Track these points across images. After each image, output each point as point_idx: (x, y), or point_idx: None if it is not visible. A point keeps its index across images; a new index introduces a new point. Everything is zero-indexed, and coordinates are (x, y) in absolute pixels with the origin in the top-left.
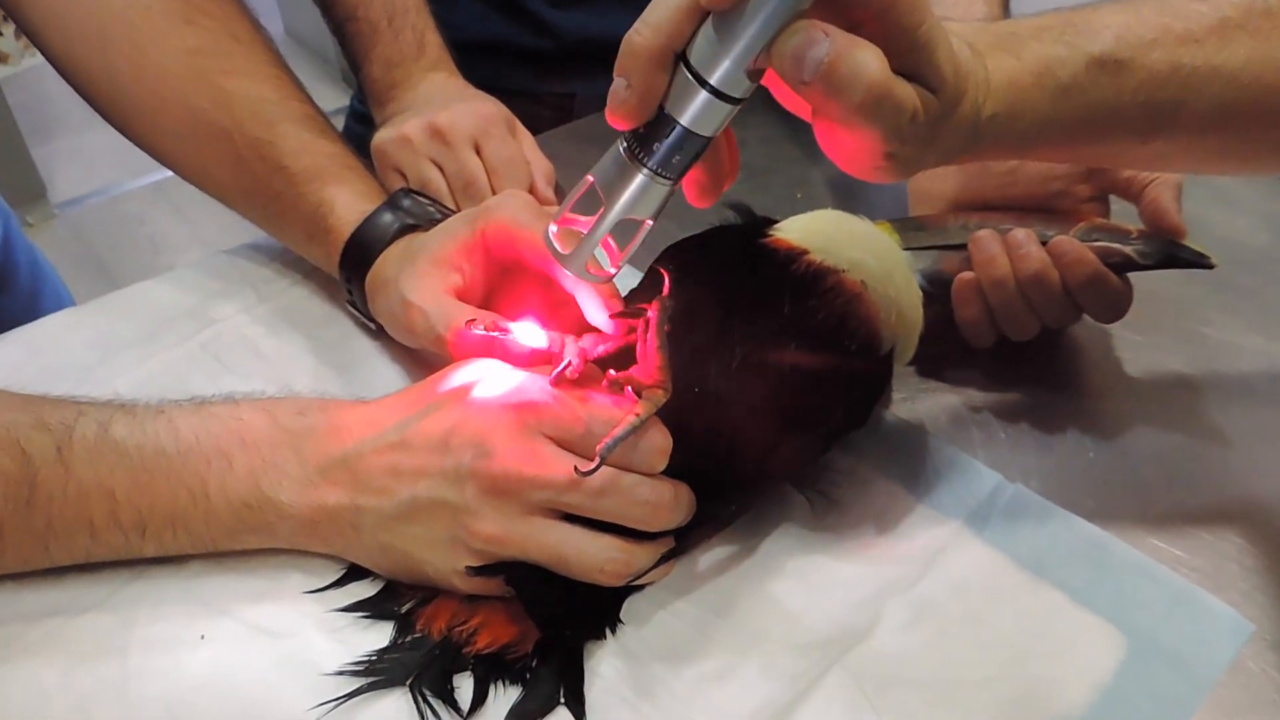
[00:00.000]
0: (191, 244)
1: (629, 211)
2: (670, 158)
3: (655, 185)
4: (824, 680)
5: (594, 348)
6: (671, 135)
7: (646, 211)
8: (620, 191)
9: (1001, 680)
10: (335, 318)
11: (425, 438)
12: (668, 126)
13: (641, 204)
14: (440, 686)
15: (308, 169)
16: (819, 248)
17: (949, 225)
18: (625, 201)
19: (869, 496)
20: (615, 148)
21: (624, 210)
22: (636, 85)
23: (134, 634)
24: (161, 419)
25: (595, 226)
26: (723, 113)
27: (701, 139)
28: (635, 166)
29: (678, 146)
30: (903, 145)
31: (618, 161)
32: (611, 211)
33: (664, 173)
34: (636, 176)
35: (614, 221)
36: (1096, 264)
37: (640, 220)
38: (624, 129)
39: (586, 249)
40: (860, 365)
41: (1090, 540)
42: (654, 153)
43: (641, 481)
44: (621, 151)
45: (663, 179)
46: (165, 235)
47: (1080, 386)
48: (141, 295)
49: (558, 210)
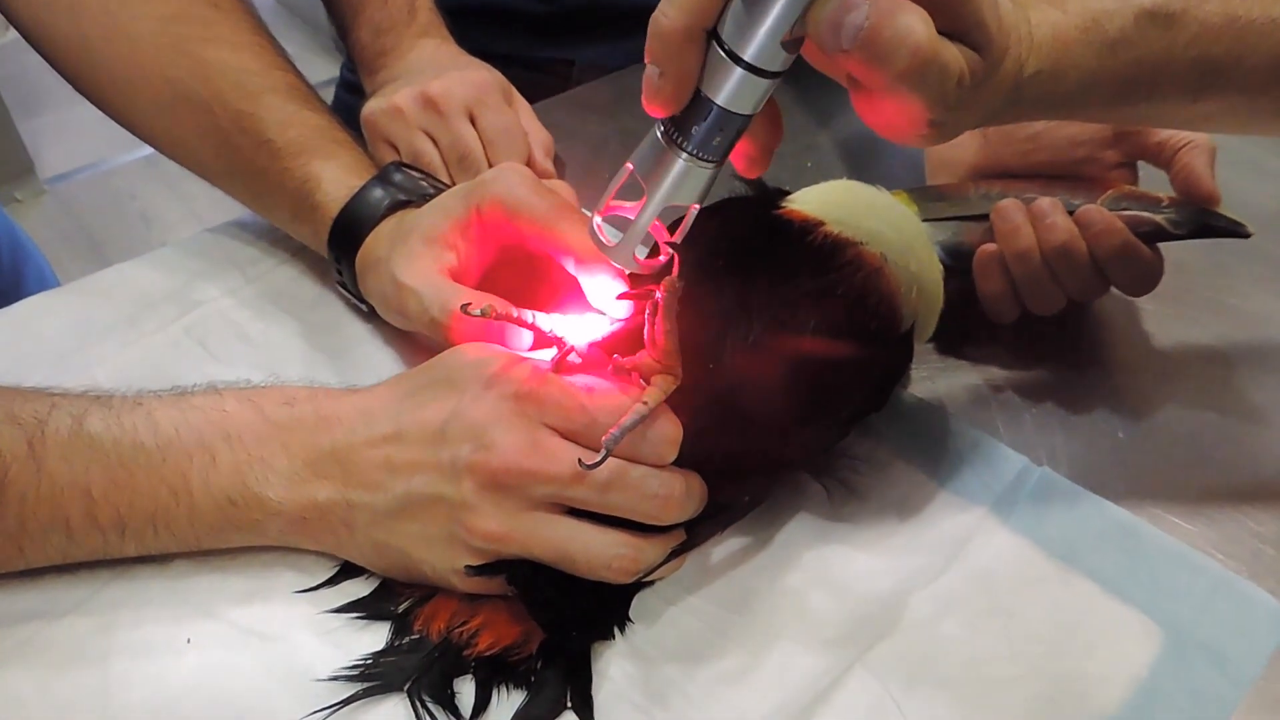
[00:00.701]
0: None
1: (671, 199)
2: (710, 140)
3: (697, 169)
4: (846, 680)
5: (598, 331)
6: (709, 117)
7: (690, 197)
8: (661, 179)
9: (1033, 677)
10: (325, 299)
11: (420, 429)
12: (705, 108)
13: (684, 190)
14: (440, 691)
15: (293, 142)
16: (836, 219)
17: (970, 194)
18: (667, 189)
19: (889, 482)
20: (653, 133)
21: (666, 198)
22: (670, 70)
23: (115, 638)
24: (139, 411)
25: (639, 217)
26: (760, 89)
27: (741, 118)
28: (674, 151)
29: (717, 128)
30: (947, 111)
31: (656, 147)
32: (654, 200)
33: (705, 156)
34: (677, 162)
35: (657, 210)
36: (1126, 234)
37: (685, 206)
38: (662, 117)
39: (632, 240)
40: (880, 344)
41: (1122, 526)
42: (693, 136)
43: (651, 473)
44: (659, 137)
45: (704, 162)
46: (157, 210)
47: (1106, 362)
48: (121, 277)
49: (600, 200)
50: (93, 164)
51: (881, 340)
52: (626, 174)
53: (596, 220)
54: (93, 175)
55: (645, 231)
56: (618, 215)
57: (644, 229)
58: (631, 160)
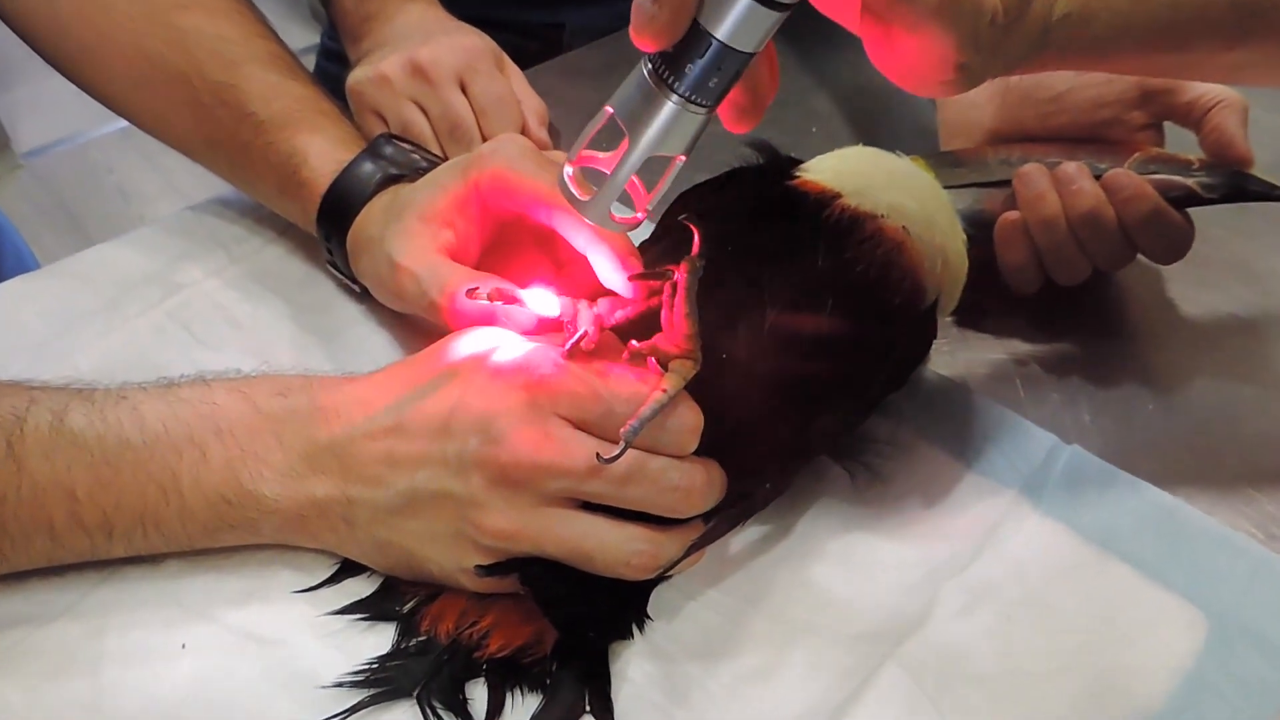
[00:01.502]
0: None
1: (657, 147)
2: (706, 80)
3: (687, 114)
4: (877, 677)
5: (611, 314)
6: (707, 53)
7: (678, 146)
8: (646, 123)
9: (1072, 671)
10: (316, 279)
11: (423, 421)
12: (702, 43)
13: (672, 137)
14: (451, 696)
15: (276, 115)
16: (854, 190)
17: (988, 160)
18: (653, 135)
19: (913, 465)
20: (638, 72)
21: (652, 145)
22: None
23: (107, 644)
24: (124, 405)
25: (619, 166)
26: (768, 22)
27: (742, 56)
28: (664, 93)
29: (714, 66)
30: (977, 53)
31: (642, 88)
32: (637, 147)
33: (698, 99)
34: (665, 105)
35: (641, 159)
36: (1157, 199)
37: (670, 156)
38: (653, 50)
39: (610, 193)
40: (904, 321)
41: (1159, 507)
42: (685, 75)
43: (671, 465)
44: (646, 76)
45: (697, 106)
46: (135, 184)
47: (1132, 333)
48: (100, 258)
49: (573, 148)
50: (68, 137)
51: (905, 318)
52: (605, 118)
53: (567, 170)
54: (69, 149)
55: (624, 185)
56: (592, 166)
57: (623, 182)
58: (611, 102)
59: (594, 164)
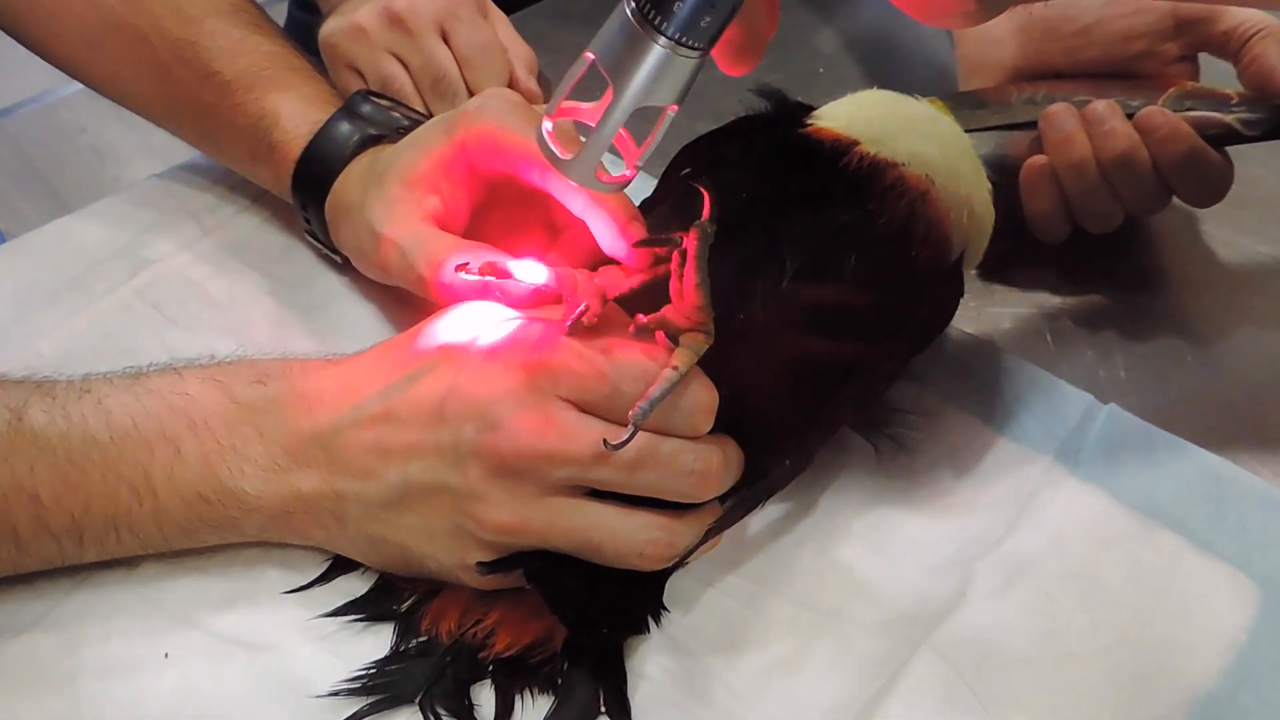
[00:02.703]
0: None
1: (646, 96)
2: (697, 20)
3: (678, 58)
4: (912, 665)
5: (615, 285)
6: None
7: (669, 95)
8: (633, 70)
9: (1119, 649)
10: (295, 250)
11: (415, 407)
12: None
13: (662, 85)
14: (456, 701)
15: (243, 73)
16: (872, 137)
17: (1012, 100)
18: (640, 83)
19: (940, 432)
20: (620, 11)
21: (639, 95)
22: None
23: (83, 656)
24: (88, 399)
25: (604, 119)
26: None
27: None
28: (650, 35)
29: (707, 3)
30: None
31: (626, 30)
32: (623, 98)
33: (689, 40)
34: (653, 48)
35: (628, 111)
36: (1195, 138)
37: (661, 106)
38: None
39: (594, 150)
40: (929, 277)
41: (1205, 470)
42: (674, 14)
43: (685, 447)
44: (630, 16)
45: (688, 49)
46: (109, 144)
47: (1168, 283)
48: (61, 234)
49: (551, 100)
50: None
51: (930, 274)
52: (586, 65)
53: (547, 126)
54: (38, 108)
55: (610, 140)
56: (575, 120)
57: (609, 136)
58: (593, 48)
59: (578, 116)
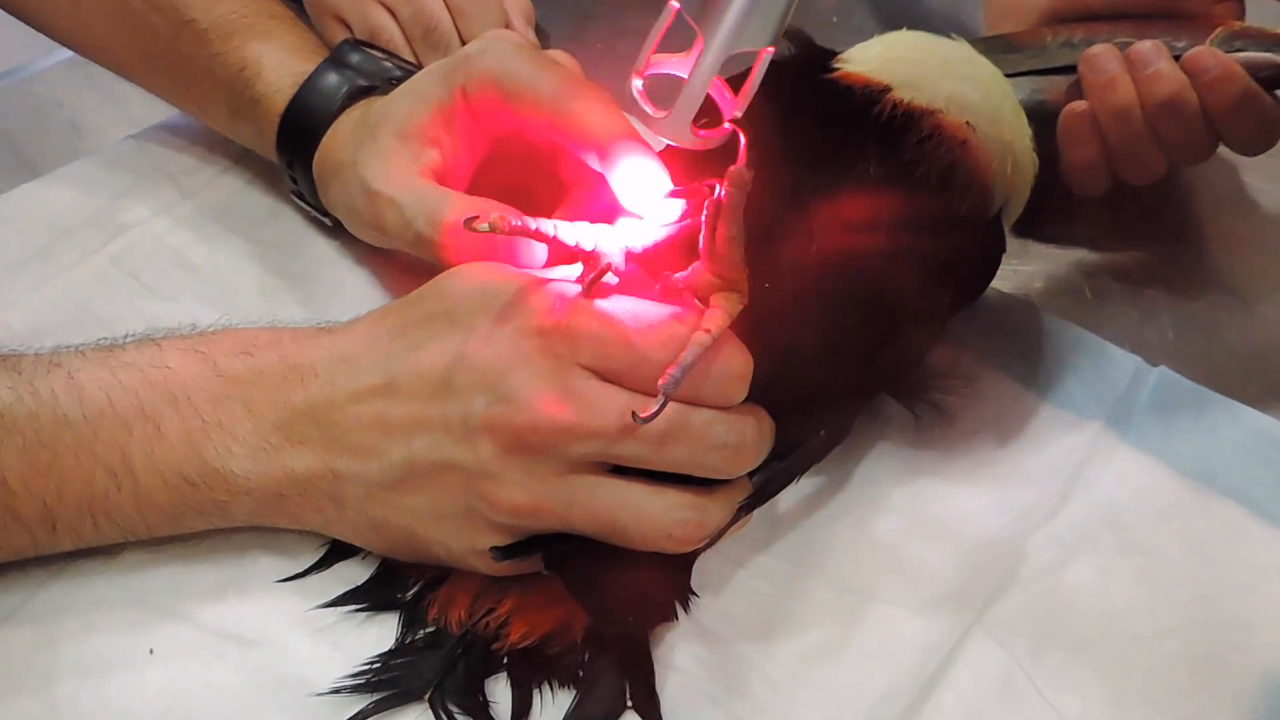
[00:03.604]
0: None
1: (738, 40)
2: None
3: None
4: (965, 648)
5: (639, 242)
6: None
7: (762, 37)
8: (721, 13)
9: (1185, 630)
10: (281, 213)
11: (418, 377)
12: None
13: (753, 26)
14: (469, 697)
15: (221, 21)
16: (905, 82)
17: (1046, 42)
18: (730, 26)
19: (981, 398)
20: None
21: (730, 40)
22: None
23: (60, 653)
24: (58, 374)
25: (694, 72)
26: None
27: None
28: None
29: None
30: None
31: None
32: (714, 46)
33: None
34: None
35: (721, 58)
36: (1247, 80)
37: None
38: None
39: (690, 103)
40: (970, 232)
41: (1263, 434)
42: None
43: (717, 418)
44: None
45: None
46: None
47: (1213, 237)
48: (28, 200)
49: (640, 56)
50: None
51: (971, 228)
52: (671, 15)
53: (637, 85)
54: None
55: (704, 91)
56: (663, 73)
57: (703, 88)
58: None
59: (666, 68)
